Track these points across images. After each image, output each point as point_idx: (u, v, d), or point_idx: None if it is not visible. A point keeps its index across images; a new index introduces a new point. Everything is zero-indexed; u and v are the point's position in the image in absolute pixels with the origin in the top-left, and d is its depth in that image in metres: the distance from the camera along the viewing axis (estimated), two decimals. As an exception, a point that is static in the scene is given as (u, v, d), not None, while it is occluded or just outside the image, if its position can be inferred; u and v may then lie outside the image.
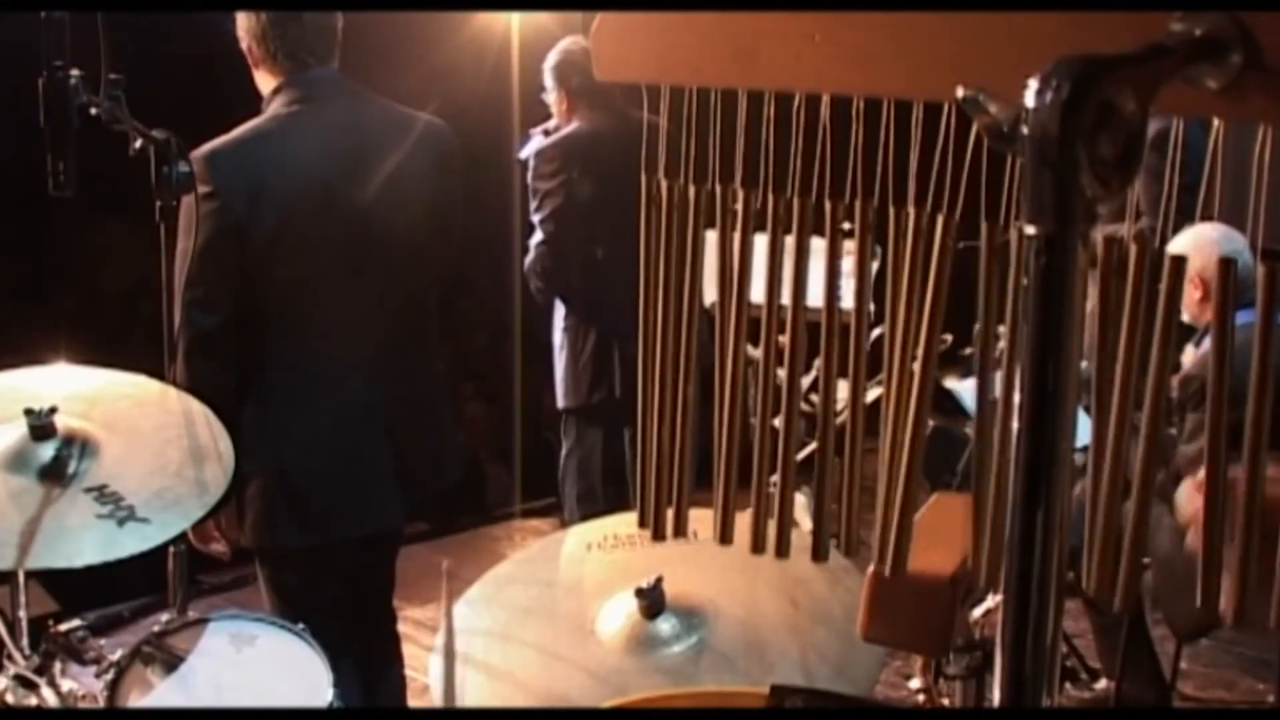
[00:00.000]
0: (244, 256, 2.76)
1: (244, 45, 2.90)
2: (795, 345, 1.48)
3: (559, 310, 4.49)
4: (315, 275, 2.84)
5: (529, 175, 4.32)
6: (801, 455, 1.57)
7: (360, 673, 2.77)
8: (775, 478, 1.52)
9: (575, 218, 4.18)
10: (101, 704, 2.24)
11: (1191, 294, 3.29)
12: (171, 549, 2.52)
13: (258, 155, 2.81)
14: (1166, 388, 1.24)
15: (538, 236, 4.32)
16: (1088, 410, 1.33)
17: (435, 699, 2.15)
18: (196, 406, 2.52)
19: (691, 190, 1.51)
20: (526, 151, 4.46)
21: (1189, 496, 1.22)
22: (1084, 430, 1.30)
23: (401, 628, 3.71)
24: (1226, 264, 1.22)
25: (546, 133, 4.44)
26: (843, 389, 1.48)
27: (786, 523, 1.53)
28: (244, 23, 2.88)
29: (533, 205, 4.31)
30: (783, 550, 1.53)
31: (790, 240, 1.46)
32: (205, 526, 2.74)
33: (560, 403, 4.54)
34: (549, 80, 4.37)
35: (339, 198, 2.84)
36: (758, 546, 1.55)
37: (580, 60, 4.10)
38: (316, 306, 2.86)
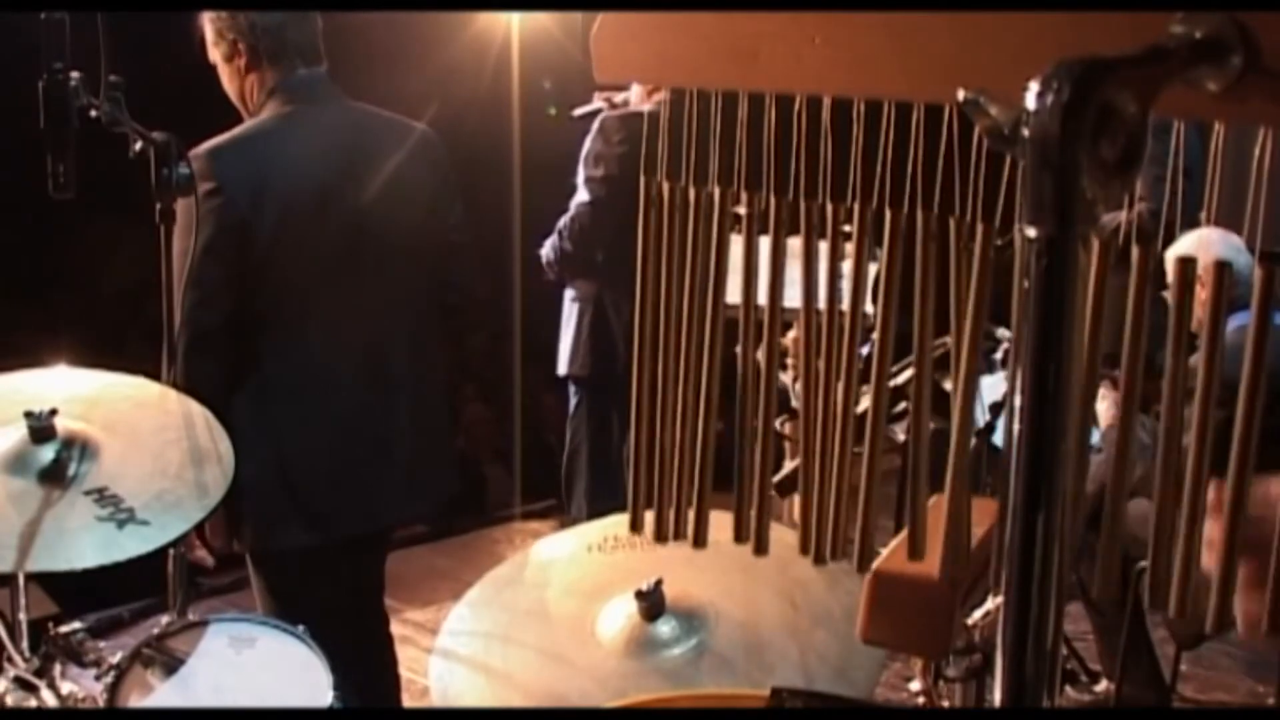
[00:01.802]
0: (246, 254, 2.76)
1: (230, 47, 2.86)
2: (808, 346, 1.48)
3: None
4: (313, 275, 2.84)
5: (588, 138, 4.28)
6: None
7: (357, 674, 2.77)
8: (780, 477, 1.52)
9: (622, 191, 4.14)
10: (101, 706, 2.24)
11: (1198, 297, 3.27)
12: (171, 551, 2.52)
13: (259, 153, 2.80)
14: (1183, 393, 1.24)
15: (583, 197, 4.27)
16: None
17: (435, 700, 2.15)
18: (196, 408, 2.51)
19: (692, 192, 1.51)
20: (583, 110, 4.43)
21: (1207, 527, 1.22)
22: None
23: (401, 630, 3.71)
24: (1221, 267, 1.22)
25: (610, 102, 4.41)
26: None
27: (809, 523, 1.53)
28: (233, 23, 2.84)
29: (585, 167, 4.26)
30: (822, 558, 1.53)
31: (794, 242, 1.46)
32: (189, 535, 2.73)
33: (561, 369, 4.48)
34: None
35: (337, 198, 2.84)
36: (760, 548, 1.55)
37: None
38: (314, 306, 2.86)
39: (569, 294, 4.46)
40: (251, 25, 2.84)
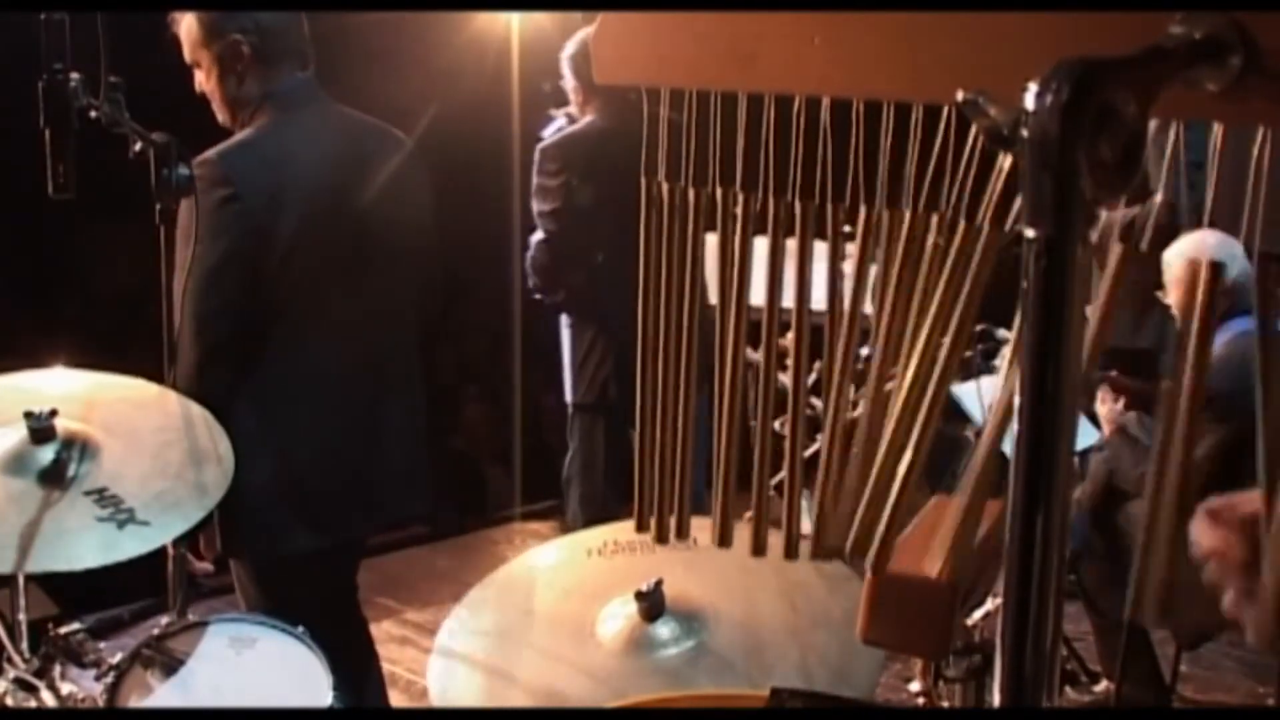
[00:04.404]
0: (263, 260, 2.72)
1: (229, 47, 2.79)
2: (800, 348, 1.48)
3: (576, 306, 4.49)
4: (322, 279, 2.81)
5: (534, 168, 4.31)
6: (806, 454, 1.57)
7: (346, 672, 2.77)
8: (777, 479, 1.52)
9: (575, 217, 4.15)
10: (101, 707, 2.24)
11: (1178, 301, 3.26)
12: (171, 552, 2.52)
13: (272, 158, 2.77)
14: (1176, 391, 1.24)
15: (538, 234, 4.30)
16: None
17: (435, 700, 2.15)
18: (196, 409, 2.52)
19: (692, 193, 1.51)
20: (547, 133, 4.44)
21: (1202, 529, 1.21)
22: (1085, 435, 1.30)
23: (401, 630, 3.72)
24: (1215, 267, 1.22)
25: (569, 117, 4.41)
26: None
27: (795, 525, 1.53)
28: (236, 21, 2.78)
29: (535, 202, 4.29)
30: (791, 552, 1.53)
31: (790, 243, 1.46)
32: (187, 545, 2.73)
33: (567, 397, 4.55)
34: (565, 70, 4.34)
35: (343, 203, 2.83)
36: (758, 549, 1.55)
37: None
38: (322, 311, 2.84)
39: (564, 319, 4.49)
40: (257, 25, 2.79)
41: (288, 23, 2.83)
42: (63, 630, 2.37)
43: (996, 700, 0.82)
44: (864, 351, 1.48)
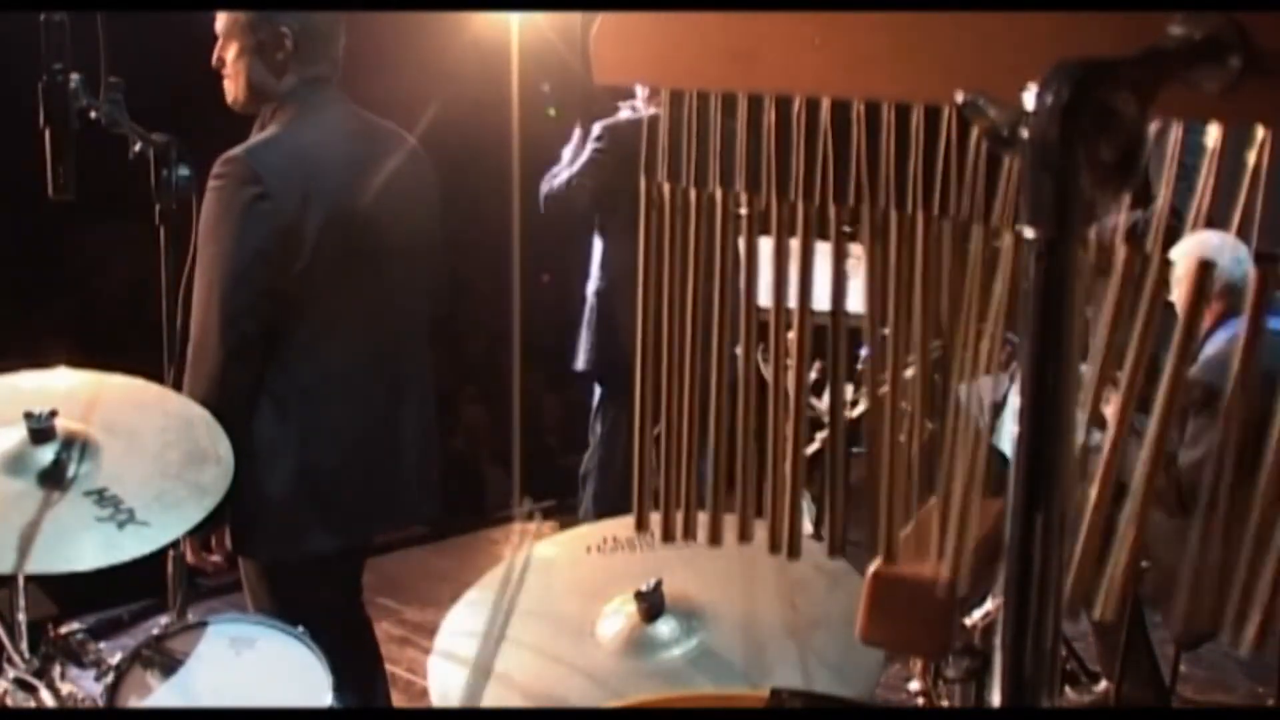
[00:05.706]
0: (291, 260, 2.69)
1: (274, 37, 2.74)
2: (802, 348, 1.48)
3: (593, 273, 4.51)
4: (342, 280, 2.80)
5: (588, 140, 4.41)
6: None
7: (353, 672, 2.77)
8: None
9: (599, 192, 4.23)
10: (101, 707, 2.24)
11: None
12: (171, 552, 2.52)
13: (297, 156, 2.73)
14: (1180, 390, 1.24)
15: (563, 178, 4.39)
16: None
17: (435, 700, 2.15)
18: (196, 410, 2.51)
19: (693, 193, 1.51)
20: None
21: None
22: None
23: (401, 630, 3.71)
24: (1205, 266, 1.22)
25: (633, 109, 4.45)
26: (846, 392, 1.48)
27: (797, 524, 1.53)
28: (284, 16, 2.74)
29: (577, 174, 4.37)
30: (794, 551, 1.53)
31: (793, 244, 1.47)
32: (195, 546, 2.72)
33: (578, 365, 4.57)
34: None
35: (361, 204, 2.82)
36: (775, 546, 1.55)
37: None
38: (339, 312, 2.82)
39: (592, 281, 4.53)
40: (303, 24, 2.75)
41: (332, 28, 2.81)
42: (63, 630, 2.37)
43: (996, 700, 0.82)
44: (863, 352, 1.48)
